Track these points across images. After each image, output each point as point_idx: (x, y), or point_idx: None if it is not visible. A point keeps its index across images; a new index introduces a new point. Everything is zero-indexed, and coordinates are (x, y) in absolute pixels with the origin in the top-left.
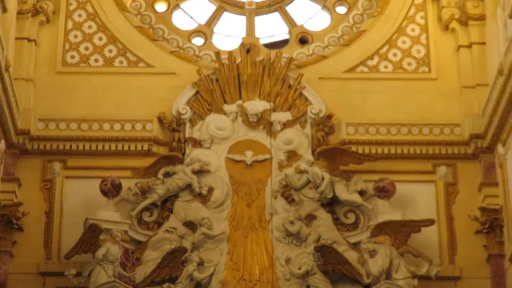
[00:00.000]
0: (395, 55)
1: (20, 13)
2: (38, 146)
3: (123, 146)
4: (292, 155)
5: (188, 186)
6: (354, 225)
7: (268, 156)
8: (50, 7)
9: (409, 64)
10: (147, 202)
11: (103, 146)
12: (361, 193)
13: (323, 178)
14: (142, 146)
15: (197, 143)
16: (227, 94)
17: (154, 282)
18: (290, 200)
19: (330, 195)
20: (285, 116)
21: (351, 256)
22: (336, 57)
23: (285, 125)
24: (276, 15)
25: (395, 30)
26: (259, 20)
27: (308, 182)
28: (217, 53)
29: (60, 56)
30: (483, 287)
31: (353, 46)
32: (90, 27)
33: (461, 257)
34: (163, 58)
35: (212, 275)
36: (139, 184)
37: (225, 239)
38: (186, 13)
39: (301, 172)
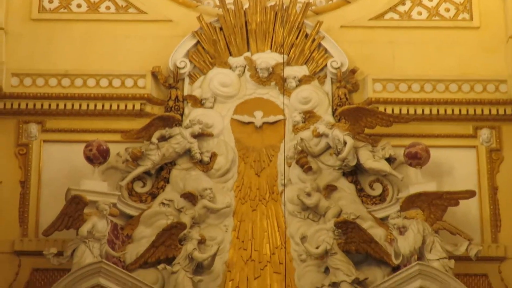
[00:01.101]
0: None
1: None
2: (12, 105)
3: (111, 106)
4: (309, 116)
5: (187, 152)
6: (381, 198)
7: (280, 117)
8: None
9: (447, 10)
10: (139, 170)
11: (88, 106)
12: (390, 160)
13: (345, 143)
14: (134, 106)
15: (198, 102)
16: (233, 45)
17: (147, 263)
18: (307, 169)
19: (353, 163)
20: (301, 70)
21: (378, 233)
22: (361, 1)
23: (301, 81)
24: None
25: None
26: None
27: (328, 147)
28: None
29: (36, 1)
30: None
31: None
32: None
33: (505, 235)
34: (157, 3)
35: (215, 255)
36: (129, 149)
37: (230, 213)
38: None
39: (319, 135)
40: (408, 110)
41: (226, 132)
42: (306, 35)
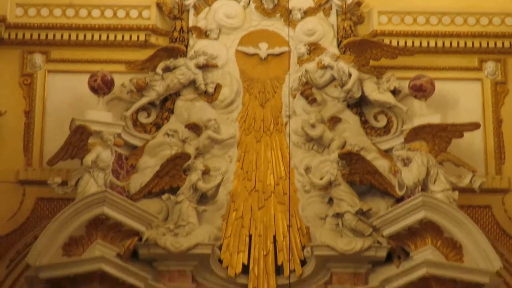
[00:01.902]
0: None
1: None
2: (16, 35)
3: (115, 36)
4: (314, 48)
5: (192, 83)
6: (386, 129)
7: (285, 48)
8: None
9: None
10: (143, 101)
11: (92, 36)
12: (394, 92)
13: (350, 75)
14: (138, 36)
15: (203, 33)
16: None
17: (151, 193)
18: (311, 100)
19: (358, 94)
20: (306, 2)
21: (382, 164)
22: None
23: (306, 12)
24: None
25: None
26: None
27: (333, 79)
28: None
29: None
30: None
31: None
32: None
33: (509, 167)
34: None
35: (219, 185)
36: (134, 80)
37: (234, 144)
38: None
39: (324, 67)
40: (413, 43)
41: (231, 64)
42: None
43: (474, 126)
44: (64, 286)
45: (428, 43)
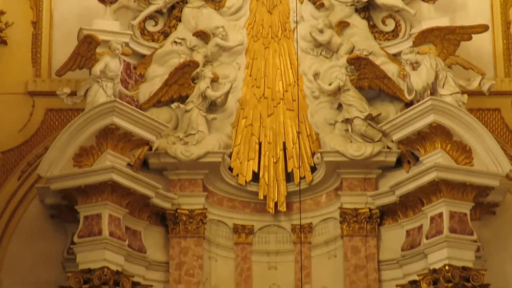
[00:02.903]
0: None
1: None
2: None
3: None
4: None
5: None
6: (394, 33)
7: None
8: None
9: None
10: (151, 9)
11: None
12: None
13: None
14: None
15: None
16: None
17: (160, 101)
18: (319, 5)
19: None
20: None
21: (390, 69)
22: None
23: None
24: None
25: None
26: None
27: None
28: None
29: None
30: None
31: None
32: None
33: None
34: None
35: (228, 93)
36: None
37: (242, 51)
38: None
39: None
40: None
41: None
42: None
43: (483, 28)
44: (75, 197)
45: None
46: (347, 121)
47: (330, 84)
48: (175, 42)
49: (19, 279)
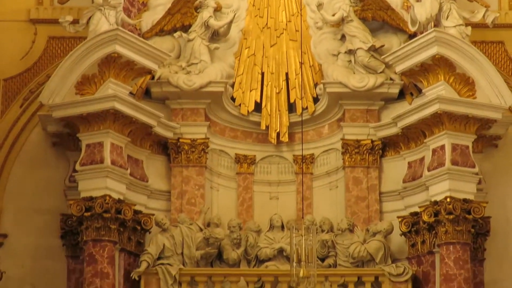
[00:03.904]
0: None
1: None
2: None
3: None
4: None
5: None
6: None
7: None
8: None
9: None
10: None
11: None
12: None
13: None
14: None
15: None
16: None
17: (163, 30)
18: None
19: None
20: None
21: (394, 0)
22: None
23: None
24: None
25: None
26: None
27: None
28: None
29: None
30: None
31: None
32: None
33: None
34: None
35: (231, 22)
36: None
37: None
38: None
39: None
40: None
41: None
42: None
43: None
44: (77, 125)
45: None
46: (350, 52)
47: (333, 15)
48: None
49: (21, 206)
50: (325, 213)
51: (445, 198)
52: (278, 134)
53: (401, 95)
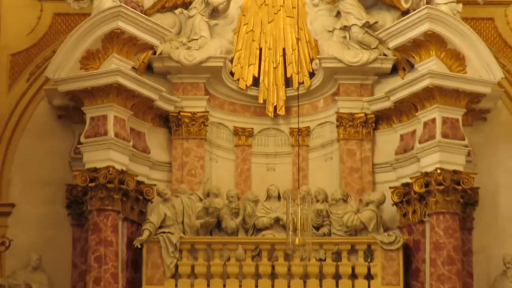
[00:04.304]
0: None
1: None
2: None
3: None
4: None
5: None
6: None
7: None
8: None
9: None
10: None
11: None
12: None
13: None
14: None
15: None
16: None
17: (164, 7)
18: None
19: None
20: None
21: None
22: None
23: None
24: None
25: None
26: None
27: None
28: None
29: None
30: None
31: None
32: None
33: None
34: None
35: None
36: None
37: None
38: None
39: None
40: None
41: None
42: None
43: None
44: (81, 98)
45: None
46: (345, 28)
47: None
48: None
49: (28, 177)
50: (320, 183)
51: (436, 169)
52: (275, 108)
53: (394, 70)
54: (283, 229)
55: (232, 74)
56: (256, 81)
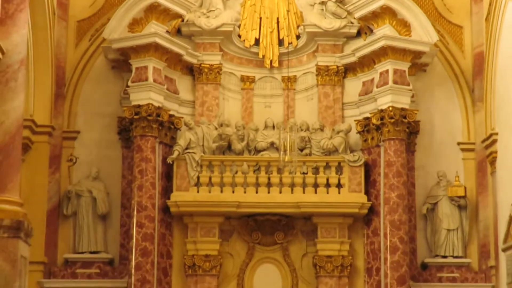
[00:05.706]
0: None
1: None
2: None
3: None
4: None
5: None
6: None
7: None
8: None
9: None
10: None
11: None
12: None
13: None
14: None
15: None
16: None
17: None
18: None
19: None
20: None
21: None
22: None
23: None
24: None
25: None
26: None
27: None
28: None
29: None
30: None
31: None
32: None
33: None
34: None
35: None
36: None
37: None
38: None
39: None
40: None
41: None
42: None
43: None
44: (129, 54)
45: None
46: (323, 3)
47: None
48: None
49: (89, 111)
50: (304, 117)
51: (388, 107)
52: (271, 61)
53: (358, 34)
54: (276, 150)
55: (239, 36)
56: (257, 42)
